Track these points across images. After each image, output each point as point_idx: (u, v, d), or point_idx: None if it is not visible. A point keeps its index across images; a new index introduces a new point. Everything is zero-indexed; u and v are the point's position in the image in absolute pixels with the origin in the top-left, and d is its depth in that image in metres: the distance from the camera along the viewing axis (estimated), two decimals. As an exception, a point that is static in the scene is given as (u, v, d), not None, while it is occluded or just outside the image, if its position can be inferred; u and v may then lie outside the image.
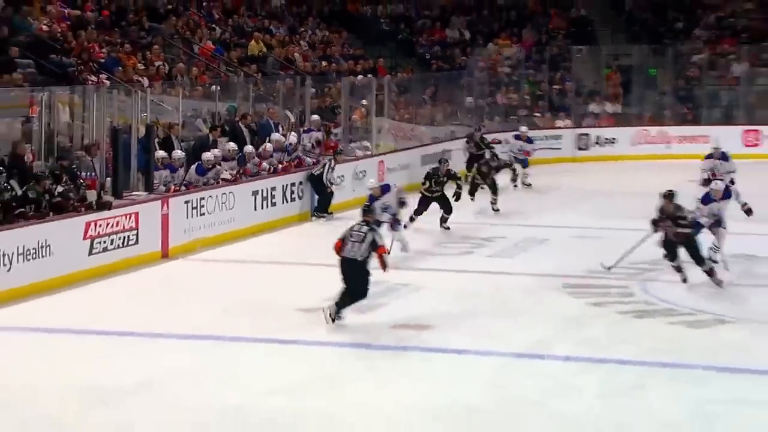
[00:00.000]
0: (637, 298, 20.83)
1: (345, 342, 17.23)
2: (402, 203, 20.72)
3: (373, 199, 20.47)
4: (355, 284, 15.65)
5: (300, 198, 28.72)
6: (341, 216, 29.66)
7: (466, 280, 21.89)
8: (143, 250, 23.38)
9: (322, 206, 28.99)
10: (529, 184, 33.46)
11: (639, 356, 16.86)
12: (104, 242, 22.20)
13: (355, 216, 28.36)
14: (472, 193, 28.33)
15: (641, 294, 21.17)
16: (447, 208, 26.25)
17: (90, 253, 21.70)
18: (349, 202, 31.07)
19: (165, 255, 24.00)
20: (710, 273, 18.95)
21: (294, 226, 28.09)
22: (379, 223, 19.40)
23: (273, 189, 28.56)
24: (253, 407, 14.11)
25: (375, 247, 15.29)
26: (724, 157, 26.05)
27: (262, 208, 27.74)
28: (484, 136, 35.12)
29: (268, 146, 30.51)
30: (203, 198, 25.76)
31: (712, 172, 25.85)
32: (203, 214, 25.45)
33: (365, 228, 15.43)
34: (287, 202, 28.66)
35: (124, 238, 22.85)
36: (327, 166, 29.43)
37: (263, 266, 19.87)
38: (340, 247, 15.86)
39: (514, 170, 33.77)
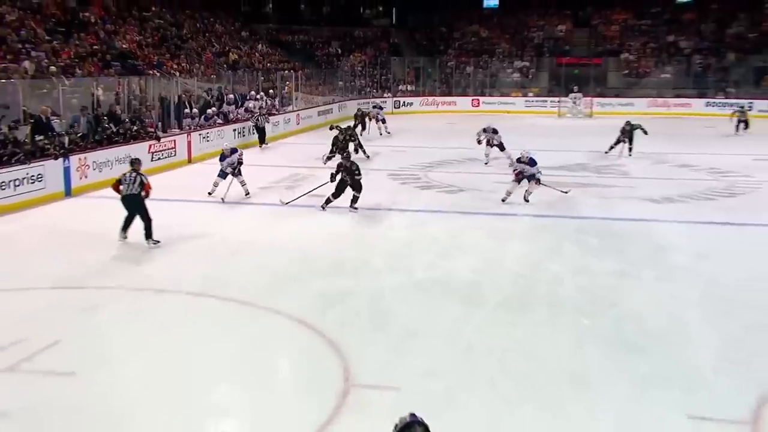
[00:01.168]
0: (423, 180, 20.61)
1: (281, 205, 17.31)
2: (240, 163, 17.87)
3: (223, 156, 17.80)
4: (141, 212, 13.43)
5: (253, 134, 27.91)
6: (275, 143, 29.50)
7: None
8: (178, 159, 23.04)
9: (262, 140, 27.78)
10: (389, 133, 31.02)
11: (425, 207, 17.21)
12: (158, 155, 21.95)
13: (280, 143, 28.35)
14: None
15: (425, 178, 20.91)
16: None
17: (151, 160, 21.32)
18: (275, 136, 30.09)
19: (189, 161, 23.59)
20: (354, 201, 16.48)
21: (250, 148, 26.94)
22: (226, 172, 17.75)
23: (243, 128, 27.86)
24: (235, 237, 14.44)
25: (143, 185, 13.27)
26: (495, 131, 22.75)
27: (236, 138, 26.79)
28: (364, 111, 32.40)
29: (250, 104, 30.26)
30: (208, 132, 25.32)
31: (487, 139, 22.73)
32: (208, 140, 24.93)
33: (134, 174, 13.28)
34: (247, 135, 27.84)
35: (168, 152, 22.54)
36: (256, 116, 28.17)
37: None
38: (117, 188, 13.62)
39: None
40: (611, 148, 24.54)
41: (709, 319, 10.17)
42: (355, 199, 16.44)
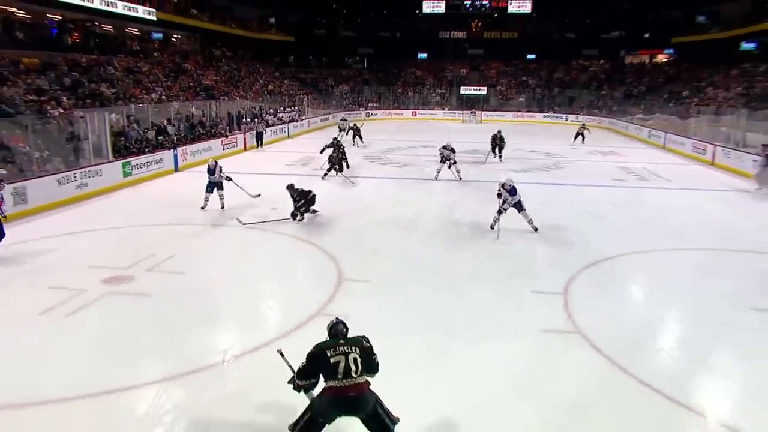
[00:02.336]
0: (383, 159, 20.07)
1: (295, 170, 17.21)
2: (228, 178, 12.39)
3: (211, 170, 12.24)
4: None
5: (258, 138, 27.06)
6: (295, 139, 28.40)
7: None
8: (239, 148, 22.26)
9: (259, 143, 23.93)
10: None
11: (385, 176, 16.65)
12: (227, 146, 21.28)
13: (298, 139, 27.59)
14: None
15: (384, 158, 20.41)
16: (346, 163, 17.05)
17: (223, 149, 20.71)
18: (295, 134, 29.51)
19: (245, 149, 22.73)
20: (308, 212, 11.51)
21: (253, 150, 26.55)
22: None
23: (277, 129, 26.96)
24: (266, 194, 13.66)
25: None
26: (451, 149, 16.04)
27: (270, 135, 25.95)
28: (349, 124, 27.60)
29: (284, 117, 29.59)
30: (253, 130, 24.17)
31: (445, 156, 15.74)
32: (251, 136, 24.39)
33: None
34: (278, 134, 27.26)
35: (233, 144, 21.81)
36: (257, 124, 24.96)
37: (264, 152, 19.16)
38: None
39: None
40: (488, 156, 20.34)
41: (543, 239, 10.43)
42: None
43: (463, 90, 45.33)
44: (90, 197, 13.65)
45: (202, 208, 12.30)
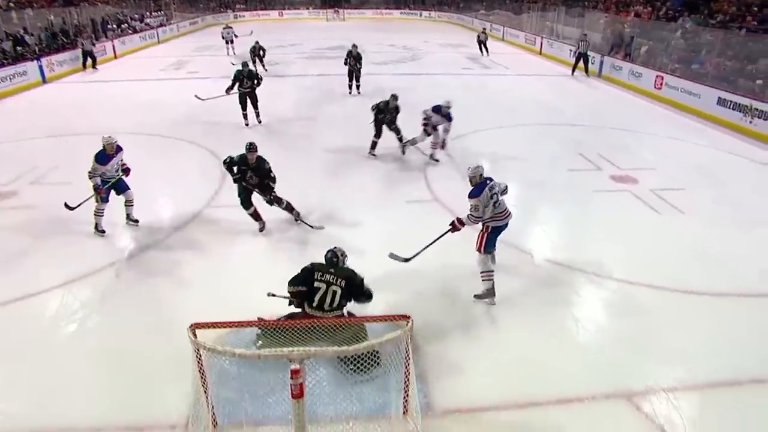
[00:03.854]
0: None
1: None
2: (126, 170, 6.50)
3: (106, 157, 6.32)
4: None
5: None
6: (168, 43, 25.75)
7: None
8: (107, 55, 19.53)
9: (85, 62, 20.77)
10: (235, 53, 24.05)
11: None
12: (97, 54, 18.56)
13: (170, 43, 25.02)
14: None
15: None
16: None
17: (93, 57, 18.20)
18: (166, 38, 26.38)
19: (115, 57, 20.00)
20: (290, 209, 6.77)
21: (79, 73, 23.76)
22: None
23: (146, 35, 23.71)
24: (151, 99, 12.96)
25: None
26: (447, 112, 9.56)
27: (140, 41, 23.14)
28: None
29: (151, 21, 25.91)
30: (124, 39, 21.40)
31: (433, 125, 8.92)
32: (124, 44, 21.19)
33: None
34: (147, 40, 24.27)
35: (99, 52, 18.99)
36: (83, 41, 22.77)
37: (97, 72, 17.20)
38: None
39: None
40: (349, 86, 13.63)
41: (402, 123, 10.36)
42: None
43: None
44: (-52, 115, 11.77)
45: (100, 229, 6.36)
